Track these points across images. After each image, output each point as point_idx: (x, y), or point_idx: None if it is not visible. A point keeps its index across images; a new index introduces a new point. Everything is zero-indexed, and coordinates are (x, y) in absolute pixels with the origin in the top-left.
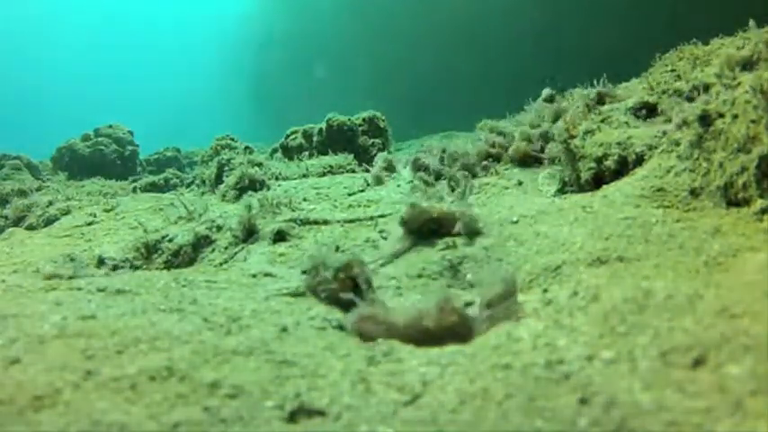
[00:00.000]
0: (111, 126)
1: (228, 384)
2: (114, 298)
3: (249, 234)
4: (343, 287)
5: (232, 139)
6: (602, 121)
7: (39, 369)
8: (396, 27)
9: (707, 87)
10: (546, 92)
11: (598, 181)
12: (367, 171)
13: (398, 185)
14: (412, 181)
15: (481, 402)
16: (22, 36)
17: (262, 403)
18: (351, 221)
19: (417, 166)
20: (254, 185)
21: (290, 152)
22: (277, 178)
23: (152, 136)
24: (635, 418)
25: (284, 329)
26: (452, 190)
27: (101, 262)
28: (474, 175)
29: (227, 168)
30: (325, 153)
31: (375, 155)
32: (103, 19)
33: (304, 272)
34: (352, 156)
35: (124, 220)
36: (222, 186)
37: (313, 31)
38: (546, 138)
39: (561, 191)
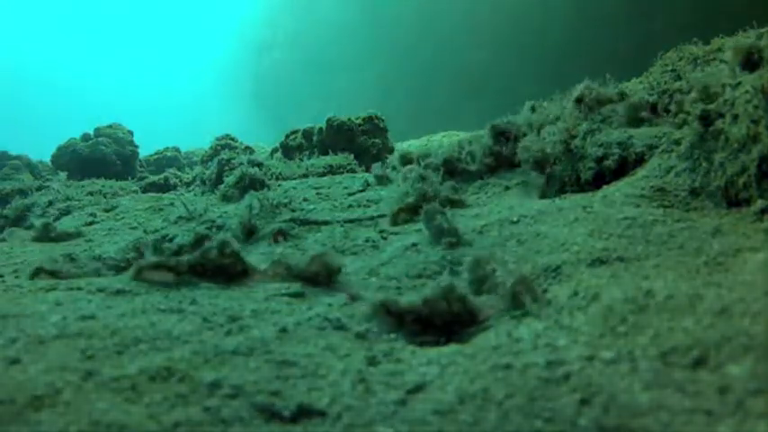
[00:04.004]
0: (111, 126)
1: (228, 384)
2: (114, 298)
3: (249, 234)
4: (233, 261)
5: (232, 139)
6: (602, 121)
7: (39, 369)
8: (399, 27)
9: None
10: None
11: (598, 181)
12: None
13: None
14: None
15: (481, 402)
16: (23, 36)
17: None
18: (351, 221)
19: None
20: (255, 185)
21: (290, 152)
22: (277, 178)
23: (152, 136)
24: (635, 418)
25: (284, 329)
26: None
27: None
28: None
29: (227, 168)
30: (325, 153)
31: (376, 154)
32: (104, 18)
33: None
34: (352, 156)
35: (124, 221)
36: (222, 186)
37: (315, 32)
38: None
39: (561, 191)
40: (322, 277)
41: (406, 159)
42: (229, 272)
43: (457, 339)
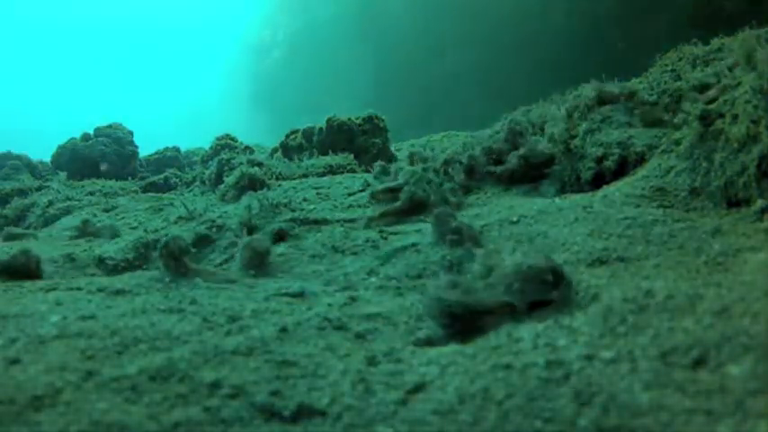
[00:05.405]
0: (111, 126)
1: (228, 384)
2: (114, 298)
3: (249, 234)
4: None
5: (232, 139)
6: (602, 121)
7: (39, 369)
8: (399, 26)
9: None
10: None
11: (598, 181)
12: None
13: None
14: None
15: (481, 402)
16: (24, 37)
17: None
18: (351, 221)
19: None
20: (255, 185)
21: (290, 152)
22: (277, 178)
23: (152, 136)
24: (635, 418)
25: (284, 329)
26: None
27: (101, 262)
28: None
29: (227, 168)
30: (325, 153)
31: (376, 154)
32: (104, 20)
33: None
34: (352, 156)
35: (124, 221)
36: (222, 186)
37: (315, 33)
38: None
39: (561, 191)
40: (255, 261)
41: (413, 158)
42: (172, 272)
43: (458, 339)
